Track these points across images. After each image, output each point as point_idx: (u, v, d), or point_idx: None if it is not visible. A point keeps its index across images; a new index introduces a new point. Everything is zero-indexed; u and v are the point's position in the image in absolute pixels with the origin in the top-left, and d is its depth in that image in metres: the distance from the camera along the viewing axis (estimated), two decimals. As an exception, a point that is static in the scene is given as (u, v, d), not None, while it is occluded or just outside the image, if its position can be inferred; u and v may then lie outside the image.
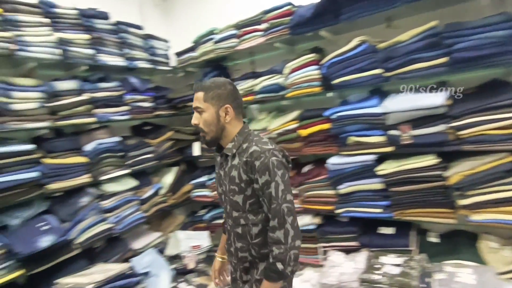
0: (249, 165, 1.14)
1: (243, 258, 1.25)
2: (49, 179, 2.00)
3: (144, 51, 2.69)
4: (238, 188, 1.18)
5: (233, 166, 1.20)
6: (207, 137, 1.23)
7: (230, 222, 1.26)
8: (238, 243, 1.24)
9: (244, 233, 1.22)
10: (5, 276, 1.75)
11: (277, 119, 2.42)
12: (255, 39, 2.39)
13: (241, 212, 1.21)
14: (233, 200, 1.20)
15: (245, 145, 1.20)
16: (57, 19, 2.10)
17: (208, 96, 1.20)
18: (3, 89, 1.81)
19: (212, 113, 1.20)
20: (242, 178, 1.17)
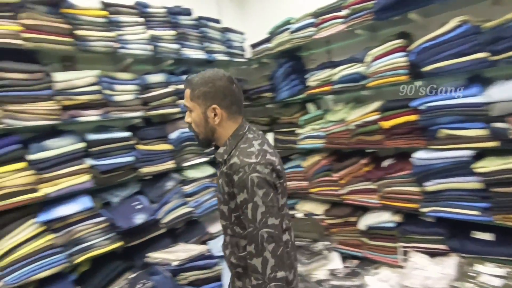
0: (229, 178, 1.02)
1: (235, 265, 1.13)
2: (142, 163, 2.22)
3: (222, 44, 2.79)
4: (223, 199, 1.08)
5: (222, 173, 1.07)
6: (199, 137, 1.12)
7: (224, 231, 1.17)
8: (229, 250, 1.14)
9: (233, 244, 1.11)
10: (108, 246, 2.01)
11: (356, 110, 2.31)
12: (335, 26, 2.30)
13: (228, 223, 1.11)
14: (221, 209, 1.12)
15: (233, 151, 1.06)
16: (149, 18, 2.29)
17: (194, 94, 1.06)
18: (108, 82, 2.05)
19: (199, 113, 1.07)
20: (225, 189, 1.06)
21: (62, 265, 1.82)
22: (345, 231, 2.50)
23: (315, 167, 2.61)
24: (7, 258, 1.65)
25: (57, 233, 1.81)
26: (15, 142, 1.71)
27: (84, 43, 1.94)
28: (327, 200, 2.62)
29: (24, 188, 1.72)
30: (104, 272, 2.04)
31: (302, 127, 2.68)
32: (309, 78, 2.57)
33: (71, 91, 1.90)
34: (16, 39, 1.71)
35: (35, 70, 1.77)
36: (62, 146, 1.87)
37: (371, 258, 2.33)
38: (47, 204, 1.85)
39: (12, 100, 1.70)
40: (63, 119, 1.88)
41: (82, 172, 1.94)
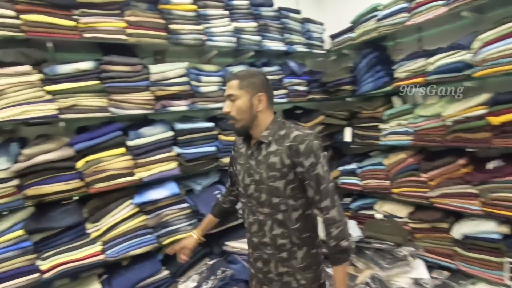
0: (293, 149, 1.15)
1: (282, 246, 1.22)
2: (222, 153, 2.27)
3: (301, 35, 2.72)
4: (280, 174, 1.18)
5: (271, 152, 1.19)
6: (237, 124, 1.21)
7: (266, 211, 1.21)
8: (278, 230, 1.21)
9: (285, 219, 1.20)
10: (190, 232, 2.08)
11: (454, 104, 2.05)
12: (434, 9, 2.05)
13: (282, 198, 1.19)
14: (273, 186, 1.19)
15: (283, 132, 1.20)
16: (233, 10, 2.32)
17: (243, 84, 1.20)
18: (195, 74, 2.13)
19: (245, 100, 1.19)
20: (284, 163, 1.17)
21: (152, 245, 1.95)
22: (433, 238, 2.26)
23: (399, 166, 2.40)
24: (109, 233, 1.82)
25: (148, 215, 1.95)
26: (118, 129, 1.87)
27: (176, 37, 2.04)
28: (411, 202, 2.40)
29: (124, 172, 1.88)
30: (186, 255, 2.14)
31: (386, 122, 2.48)
32: (396, 69, 2.36)
33: (163, 82, 2.02)
34: (121, 34, 1.87)
35: (136, 63, 1.91)
36: (154, 134, 2.00)
37: (467, 272, 2.07)
38: (140, 188, 2.00)
39: (117, 90, 1.86)
40: (156, 108, 2.01)
41: (170, 159, 2.06)
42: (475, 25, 2.06)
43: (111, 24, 1.83)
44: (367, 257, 2.34)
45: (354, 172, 2.72)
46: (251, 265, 1.36)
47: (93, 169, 1.78)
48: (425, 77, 2.15)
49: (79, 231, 1.76)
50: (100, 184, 1.80)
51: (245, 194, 1.28)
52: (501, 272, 1.89)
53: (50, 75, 1.68)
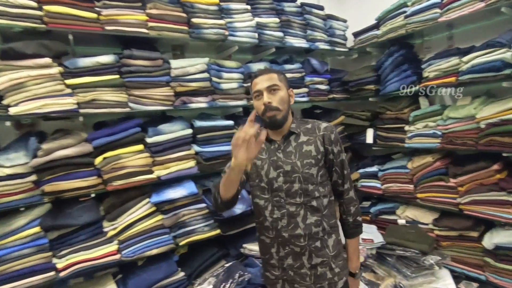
0: (327, 137, 1.27)
1: (315, 235, 1.25)
2: (241, 153, 2.20)
3: (324, 32, 2.63)
4: (315, 160, 1.25)
5: (303, 142, 1.27)
6: (279, 115, 1.23)
7: (298, 200, 1.24)
8: (312, 218, 1.25)
9: (319, 205, 1.25)
10: (208, 232, 2.04)
11: (489, 106, 1.94)
12: (471, 5, 1.94)
13: (315, 185, 1.25)
14: (309, 173, 1.24)
15: (309, 125, 1.31)
16: (256, 5, 2.25)
17: (281, 77, 1.28)
18: (216, 70, 2.06)
19: (285, 92, 1.27)
20: (319, 150, 1.26)
21: (169, 245, 1.89)
22: (461, 247, 2.15)
23: (425, 169, 2.30)
24: (125, 232, 1.77)
25: (165, 215, 1.89)
26: (137, 125, 1.82)
27: (198, 31, 1.98)
28: (437, 208, 2.29)
29: (142, 169, 1.82)
30: (202, 257, 2.08)
31: (411, 123, 2.37)
32: (425, 69, 2.25)
33: (184, 78, 1.95)
34: (143, 28, 1.81)
35: (156, 57, 1.86)
36: (173, 131, 1.94)
37: (498, 284, 1.95)
38: (158, 186, 1.95)
39: (137, 85, 1.80)
40: (175, 105, 1.95)
41: (189, 157, 1.99)
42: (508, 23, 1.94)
43: (132, 17, 1.77)
44: (389, 265, 2.24)
45: (375, 175, 2.62)
46: (272, 267, 1.32)
47: (111, 166, 1.73)
48: (458, 77, 2.03)
49: (96, 229, 1.71)
50: (118, 181, 1.75)
51: (270, 189, 1.27)
52: (536, 285, 1.78)
53: (71, 68, 1.63)
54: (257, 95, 1.26)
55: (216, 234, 2.07)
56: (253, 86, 1.28)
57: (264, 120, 1.24)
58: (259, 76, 1.26)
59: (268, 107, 1.21)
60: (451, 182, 2.15)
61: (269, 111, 1.21)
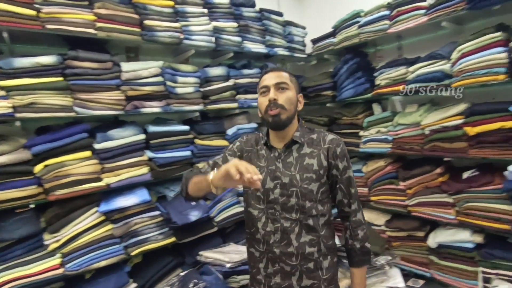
0: (331, 151, 1.17)
1: (310, 256, 1.15)
2: (198, 158, 2.16)
3: (283, 38, 2.67)
4: (316, 176, 1.15)
5: (306, 154, 1.18)
6: (283, 115, 1.13)
7: (294, 216, 1.14)
8: (307, 237, 1.15)
9: (315, 224, 1.15)
10: (162, 241, 1.98)
11: (433, 113, 2.06)
12: (415, 18, 2.06)
13: (313, 202, 1.15)
14: (308, 188, 1.14)
15: (315, 136, 1.21)
16: (213, 9, 2.23)
17: (292, 79, 1.20)
18: (171, 74, 2.01)
19: (294, 94, 1.18)
20: (322, 164, 1.16)
21: (119, 256, 1.81)
22: (409, 246, 2.27)
23: (377, 173, 2.40)
24: (70, 245, 1.66)
25: (115, 224, 1.80)
26: (84, 131, 1.72)
27: (151, 33, 1.92)
28: (388, 210, 2.39)
29: (89, 177, 1.73)
30: (156, 266, 2.01)
31: (365, 129, 2.46)
32: (377, 77, 2.35)
33: (136, 82, 1.88)
34: (90, 28, 1.72)
35: (106, 59, 1.78)
36: (124, 137, 1.86)
37: (441, 280, 2.08)
38: (107, 194, 1.86)
39: (83, 88, 1.71)
40: (126, 109, 1.87)
41: (141, 164, 1.92)
42: (454, 36, 2.09)
43: (78, 16, 1.68)
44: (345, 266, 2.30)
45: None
46: (258, 283, 1.23)
47: (53, 174, 1.62)
48: (405, 85, 2.15)
49: (36, 243, 1.59)
50: (62, 190, 1.64)
51: (265, 199, 1.18)
52: (475, 281, 1.91)
53: (5, 68, 1.51)
54: (263, 91, 1.17)
55: (171, 242, 2.01)
56: (261, 82, 1.19)
57: (266, 120, 1.15)
58: (269, 72, 1.18)
59: (273, 103, 1.12)
60: (400, 185, 2.26)
61: (273, 108, 1.12)
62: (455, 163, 2.18)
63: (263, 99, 1.16)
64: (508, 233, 1.75)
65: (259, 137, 1.28)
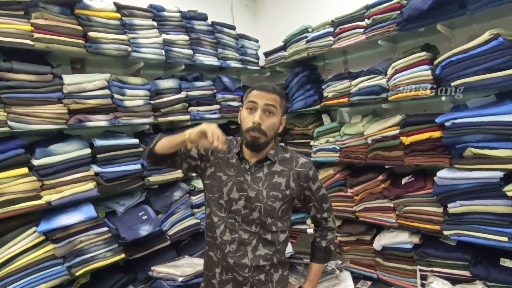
0: (303, 175, 1.22)
1: (261, 268, 1.19)
2: (149, 172, 2.13)
3: (236, 51, 2.72)
4: (282, 195, 1.20)
5: (276, 172, 1.21)
6: (262, 140, 1.14)
7: (254, 229, 1.18)
8: (263, 250, 1.19)
9: (273, 240, 1.20)
10: (110, 258, 1.91)
11: (374, 124, 2.21)
12: (355, 36, 2.22)
13: (274, 219, 1.20)
14: (272, 206, 1.19)
15: (288, 155, 1.25)
16: (163, 21, 2.23)
17: (282, 103, 1.20)
18: (118, 87, 1.97)
19: (278, 120, 1.19)
20: (289, 185, 1.21)
21: (62, 277, 1.72)
22: (358, 250, 2.39)
23: (328, 181, 2.50)
24: (5, 268, 1.55)
25: (57, 244, 1.72)
26: (19, 146, 1.63)
27: (96, 46, 1.87)
28: (339, 216, 2.50)
29: (26, 195, 1.63)
30: (105, 285, 1.94)
31: (316, 139, 2.58)
32: (325, 89, 2.48)
33: (80, 95, 1.82)
34: (27, 39, 1.65)
35: (45, 71, 1.70)
36: (67, 152, 1.79)
37: (386, 280, 2.21)
38: (49, 213, 1.77)
39: (19, 102, 1.62)
40: (70, 123, 1.80)
41: (87, 179, 1.86)
42: (390, 53, 2.27)
43: (12, 26, 1.60)
44: (299, 273, 2.37)
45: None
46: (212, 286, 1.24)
47: (-16, 193, 1.51)
48: (349, 98, 2.29)
49: (-37, 269, 1.47)
50: (-6, 211, 1.54)
51: (227, 208, 1.20)
52: (415, 279, 2.05)
53: None
54: (251, 107, 1.15)
55: (121, 258, 1.95)
56: (251, 95, 1.16)
57: (245, 137, 1.15)
58: (262, 90, 1.15)
59: (256, 128, 1.12)
60: (348, 192, 2.38)
61: (255, 131, 1.12)
62: (396, 169, 2.35)
63: (248, 117, 1.15)
64: (439, 233, 1.91)
65: (232, 144, 1.28)
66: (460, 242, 1.86)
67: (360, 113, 2.43)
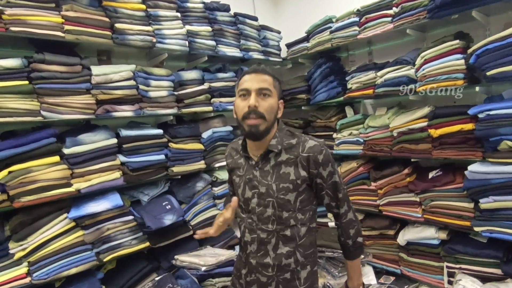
0: (312, 160, 1.10)
1: (286, 267, 1.13)
2: (172, 162, 2.16)
3: (258, 42, 2.70)
4: (293, 186, 1.10)
5: (282, 162, 1.12)
6: (262, 126, 1.05)
7: (271, 227, 1.12)
8: (284, 248, 1.12)
9: (293, 235, 1.12)
10: (135, 246, 1.96)
11: (400, 116, 2.15)
12: (382, 25, 2.15)
13: (291, 212, 1.11)
14: (285, 199, 1.10)
15: (294, 141, 1.14)
16: (187, 12, 2.23)
17: (275, 84, 1.12)
18: (143, 77, 1.99)
19: (275, 101, 1.10)
20: (300, 174, 1.10)
21: (91, 262, 1.78)
22: (381, 244, 2.34)
23: (350, 175, 2.46)
24: (37, 253, 1.62)
25: (87, 230, 1.77)
26: (51, 135, 1.68)
27: (123, 37, 1.90)
28: (361, 210, 2.46)
29: (57, 183, 1.69)
30: (130, 272, 1.98)
31: (339, 131, 2.53)
32: (349, 81, 2.43)
33: (107, 85, 1.86)
34: (58, 31, 1.69)
35: (75, 63, 1.74)
36: (96, 141, 1.84)
37: (410, 276, 2.16)
38: (78, 200, 1.82)
39: (51, 92, 1.67)
40: (97, 113, 1.84)
41: (113, 168, 1.90)
42: (418, 43, 2.19)
43: (44, 18, 1.64)
44: (320, 266, 2.36)
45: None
46: (241, 286, 1.23)
47: (19, 180, 1.57)
48: (374, 89, 2.23)
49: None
50: (28, 197, 1.59)
51: (246, 209, 1.17)
52: (441, 276, 2.00)
53: (-34, 72, 1.46)
54: (243, 94, 1.07)
55: (146, 247, 2.00)
56: (241, 82, 1.09)
57: (243, 128, 1.08)
58: (252, 73, 1.08)
59: (253, 111, 1.03)
60: (372, 186, 2.33)
61: (252, 117, 1.04)
62: (422, 163, 2.28)
63: (242, 103, 1.07)
64: (469, 229, 1.85)
65: (238, 145, 1.24)
66: (491, 239, 1.80)
67: (385, 105, 2.36)
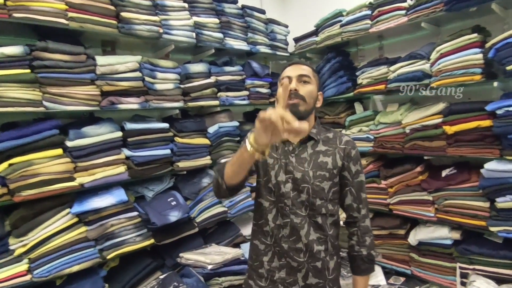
0: (346, 152, 1.17)
1: (317, 254, 1.13)
2: (178, 157, 2.09)
3: (265, 36, 2.63)
4: (329, 174, 1.14)
5: (320, 152, 1.16)
6: (302, 107, 1.11)
7: (304, 213, 1.13)
8: (315, 235, 1.14)
9: (323, 223, 1.15)
10: (140, 243, 1.89)
11: (413, 112, 2.09)
12: (396, 19, 2.08)
13: (324, 201, 1.14)
14: (320, 186, 1.13)
15: (331, 135, 1.21)
16: (194, 3, 2.16)
17: (314, 74, 1.19)
18: (149, 69, 1.93)
19: (315, 89, 1.17)
20: (337, 164, 1.15)
21: (94, 260, 1.71)
22: (390, 244, 2.29)
23: (359, 172, 2.40)
24: (38, 249, 1.56)
25: (90, 226, 1.71)
26: (54, 127, 1.61)
27: (129, 26, 1.83)
28: (371, 209, 2.40)
29: (60, 176, 1.62)
30: (134, 270, 1.92)
31: (348, 128, 2.47)
32: (359, 76, 2.36)
33: (112, 76, 1.79)
34: (61, 18, 1.62)
35: (79, 52, 1.67)
36: (100, 134, 1.77)
37: (421, 277, 2.11)
38: (81, 195, 1.76)
39: (54, 82, 1.60)
40: (102, 105, 1.78)
41: (118, 162, 1.83)
42: (433, 37, 2.13)
43: (47, 4, 1.57)
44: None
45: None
46: (259, 276, 1.19)
47: (19, 173, 1.50)
48: (386, 85, 2.17)
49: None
50: (29, 191, 1.53)
51: (276, 192, 1.16)
52: (454, 277, 1.94)
53: (-35, 59, 1.39)
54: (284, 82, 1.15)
55: (150, 244, 1.93)
56: (283, 73, 1.18)
57: None
58: (292, 65, 1.18)
59: (294, 93, 1.10)
60: (382, 184, 2.28)
61: (293, 97, 1.10)
62: (434, 161, 2.22)
63: None
64: (484, 229, 1.79)
65: None
66: (506, 239, 1.74)
67: (397, 101, 2.30)
